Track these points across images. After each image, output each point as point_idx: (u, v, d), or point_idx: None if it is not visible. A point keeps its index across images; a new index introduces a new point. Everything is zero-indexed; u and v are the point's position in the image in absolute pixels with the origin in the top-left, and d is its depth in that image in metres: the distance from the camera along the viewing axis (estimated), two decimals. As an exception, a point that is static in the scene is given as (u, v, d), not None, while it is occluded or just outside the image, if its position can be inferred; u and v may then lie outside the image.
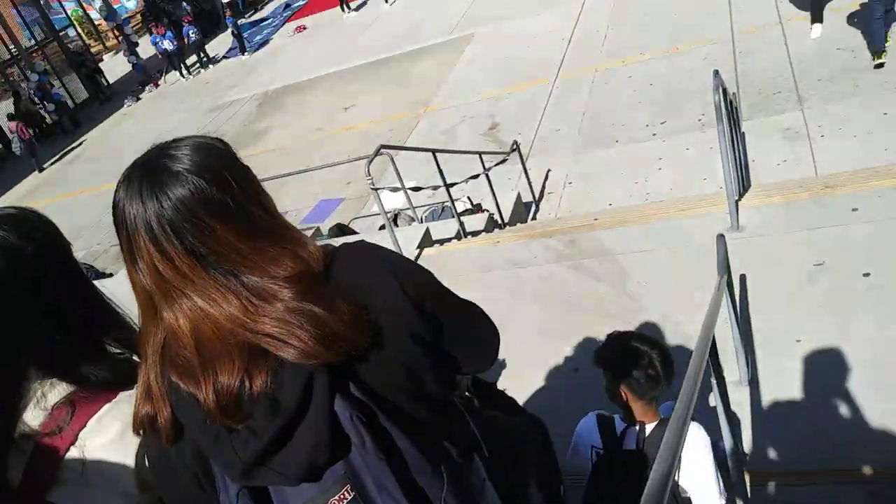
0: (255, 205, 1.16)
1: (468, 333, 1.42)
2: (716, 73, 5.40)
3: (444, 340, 1.31)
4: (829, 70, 7.95)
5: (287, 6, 22.66)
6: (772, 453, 3.49)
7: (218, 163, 1.14)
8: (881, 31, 7.44)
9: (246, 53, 19.47)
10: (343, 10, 19.14)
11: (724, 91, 5.93)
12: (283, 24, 20.60)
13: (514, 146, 7.99)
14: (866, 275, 4.29)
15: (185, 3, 22.74)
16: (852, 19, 8.43)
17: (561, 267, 5.59)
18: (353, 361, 1.14)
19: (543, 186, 8.21)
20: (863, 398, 3.52)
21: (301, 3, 23.07)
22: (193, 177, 1.10)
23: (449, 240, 6.64)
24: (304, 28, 20.04)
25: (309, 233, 8.29)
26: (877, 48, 7.57)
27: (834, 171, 6.21)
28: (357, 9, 19.28)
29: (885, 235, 4.49)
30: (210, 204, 1.10)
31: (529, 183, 7.91)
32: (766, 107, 7.85)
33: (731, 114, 6.70)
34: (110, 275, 8.60)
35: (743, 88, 8.34)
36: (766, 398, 3.75)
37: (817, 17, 8.45)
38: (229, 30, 20.46)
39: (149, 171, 1.11)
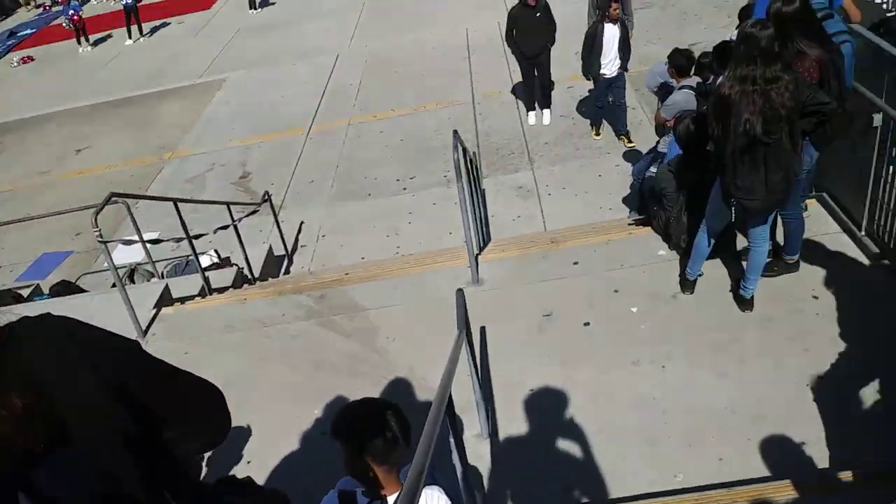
0: None
1: (187, 412, 1.30)
2: (455, 133, 5.69)
3: (155, 425, 1.18)
4: (554, 135, 8.77)
5: (11, 34, 20.48)
6: (508, 504, 3.64)
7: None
8: (599, 116, 8.42)
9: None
10: (79, 43, 17.68)
11: (465, 150, 6.29)
12: (6, 52, 18.55)
13: (266, 197, 7.80)
14: (586, 324, 4.71)
15: None
16: (576, 93, 9.42)
17: (311, 324, 5.49)
18: (26, 467, 0.97)
19: (297, 239, 8.09)
20: (584, 439, 3.82)
21: (29, 32, 20.98)
22: None
23: (192, 297, 6.25)
24: (31, 59, 18.20)
25: (26, 291, 7.38)
26: (596, 129, 8.56)
27: (559, 226, 6.82)
28: (95, 43, 17.93)
29: (601, 287, 4.98)
30: None
31: (282, 235, 7.75)
32: (503, 165, 8.46)
33: (471, 172, 7.11)
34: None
35: (483, 148, 8.92)
36: (504, 448, 3.92)
37: (531, 107, 9.19)
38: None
39: None
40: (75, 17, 17.37)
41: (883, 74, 4.37)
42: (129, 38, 17.41)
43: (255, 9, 17.59)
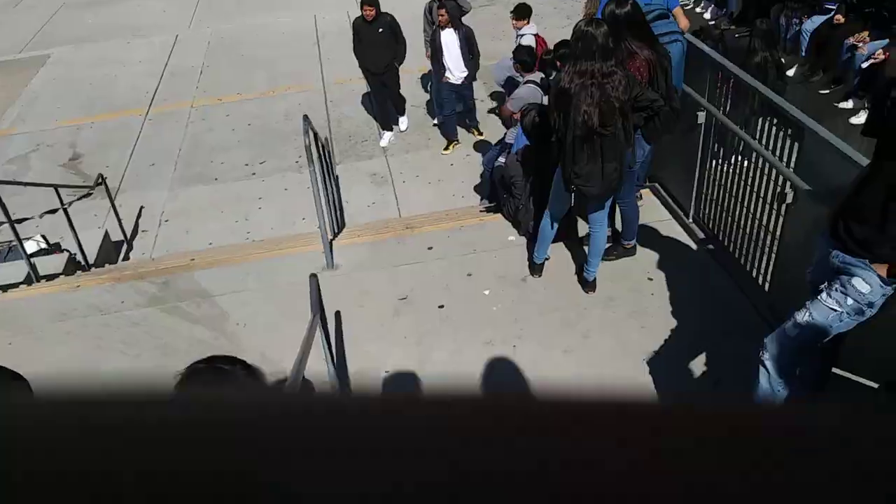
0: None
1: None
2: (305, 117, 5.64)
3: None
4: (406, 123, 8.87)
5: None
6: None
7: None
8: (451, 127, 8.25)
9: None
10: None
11: (316, 135, 6.23)
12: None
13: (100, 180, 7.31)
14: (441, 306, 4.83)
15: None
16: (426, 82, 9.54)
17: (154, 311, 5.25)
18: None
19: (136, 224, 7.65)
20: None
21: None
22: None
23: (16, 285, 5.77)
24: None
25: None
26: (450, 144, 8.35)
27: (413, 213, 6.91)
28: None
29: (454, 271, 5.12)
30: None
31: (119, 221, 7.29)
32: (356, 152, 8.44)
33: (323, 157, 7.04)
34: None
35: (335, 134, 8.85)
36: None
37: (385, 126, 8.60)
38: None
39: None
40: None
41: (705, 76, 4.80)
42: (-65, 3, 15.66)
43: (85, -19, 16.37)
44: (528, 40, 7.27)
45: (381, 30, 7.78)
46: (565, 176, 4.30)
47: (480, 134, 8.37)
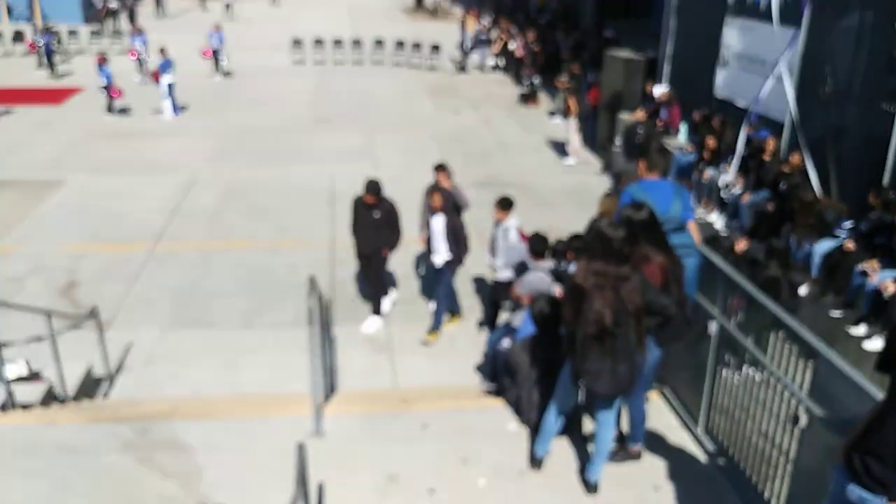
0: None
1: None
2: (312, 280, 5.64)
3: None
4: (410, 292, 8.89)
5: None
6: None
7: None
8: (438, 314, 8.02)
9: None
10: None
11: (320, 297, 6.20)
12: None
13: (92, 311, 7.18)
14: (432, 491, 4.57)
15: None
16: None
17: (127, 459, 4.96)
18: None
19: (122, 361, 7.43)
20: None
21: None
22: None
23: (-10, 412, 5.49)
24: None
25: None
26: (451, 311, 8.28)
27: (409, 384, 6.75)
28: (-79, 117, 16.51)
29: (449, 454, 4.90)
30: None
31: (106, 355, 7.08)
32: (356, 316, 8.38)
33: (322, 317, 6.98)
34: None
35: (338, 295, 8.85)
36: None
37: (375, 310, 8.28)
38: None
39: None
40: None
41: (717, 288, 4.87)
42: (-36, 118, 16.19)
43: (112, 113, 17.05)
44: (514, 236, 7.39)
45: (377, 216, 7.67)
46: (574, 370, 4.24)
47: (429, 338, 7.95)
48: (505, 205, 7.52)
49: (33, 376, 6.46)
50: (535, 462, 4.76)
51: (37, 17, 26.30)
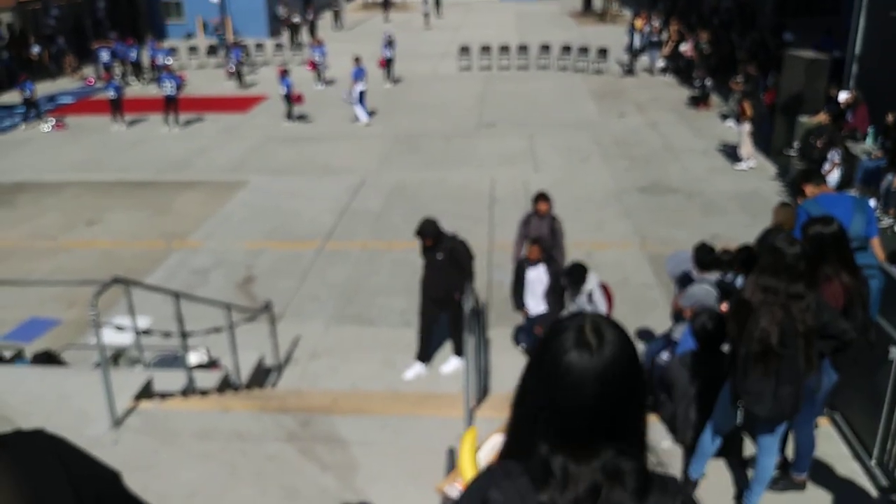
0: None
1: None
2: (469, 286, 5.70)
3: None
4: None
5: (51, 99, 21.11)
6: None
7: None
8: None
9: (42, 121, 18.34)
10: (114, 119, 18.16)
11: (477, 302, 6.26)
12: (42, 115, 19.00)
13: (266, 305, 7.69)
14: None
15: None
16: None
17: (290, 448, 5.24)
18: None
19: (290, 353, 7.90)
20: None
21: (68, 100, 21.62)
22: None
23: (174, 394, 6.01)
24: (64, 126, 18.62)
25: (8, 353, 7.12)
26: None
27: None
28: (130, 123, 18.42)
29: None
30: None
31: (276, 347, 7.57)
32: (511, 320, 8.37)
33: (478, 323, 7.04)
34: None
35: (495, 298, 8.90)
36: None
37: (421, 356, 7.57)
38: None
39: None
40: (113, 96, 17.98)
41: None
42: (166, 125, 17.90)
43: (291, 120, 18.19)
44: (599, 296, 6.84)
45: (440, 257, 7.10)
46: (734, 390, 3.99)
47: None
48: (576, 277, 6.76)
49: (212, 364, 7.01)
50: (689, 484, 4.52)
51: (229, 32, 28.62)
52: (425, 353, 7.51)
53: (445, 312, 7.32)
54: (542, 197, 7.77)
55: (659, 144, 15.51)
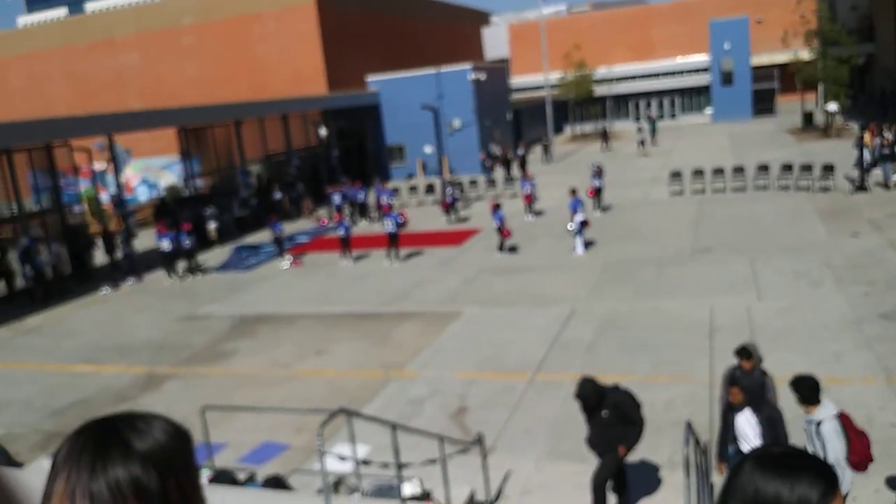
0: None
1: None
2: (688, 425, 5.29)
3: None
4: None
5: (290, 238, 23.56)
6: None
7: (175, 458, 1.07)
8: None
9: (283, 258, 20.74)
10: (343, 256, 19.80)
11: (697, 441, 5.78)
12: (283, 253, 21.20)
13: (478, 438, 7.66)
14: None
15: (208, 209, 24.12)
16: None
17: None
18: None
19: (500, 489, 7.74)
20: None
21: (304, 239, 24.00)
22: (141, 464, 1.03)
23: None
24: (300, 263, 20.60)
25: (242, 475, 7.66)
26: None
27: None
28: (357, 259, 19.97)
29: None
30: (145, 496, 1.02)
31: (487, 481, 7.46)
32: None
33: (701, 465, 6.49)
34: (20, 464, 7.80)
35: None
36: None
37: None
38: (226, 246, 21.21)
39: (102, 438, 1.05)
40: (343, 234, 19.69)
41: None
42: (388, 259, 19.20)
43: (502, 252, 18.72)
44: (830, 428, 5.64)
45: (605, 415, 6.82)
46: None
47: None
48: (810, 395, 5.79)
49: (425, 496, 7.03)
50: None
51: (445, 171, 30.67)
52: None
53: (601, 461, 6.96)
54: (743, 353, 6.93)
55: (903, 266, 13.97)
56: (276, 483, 7.03)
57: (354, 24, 38.56)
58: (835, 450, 5.56)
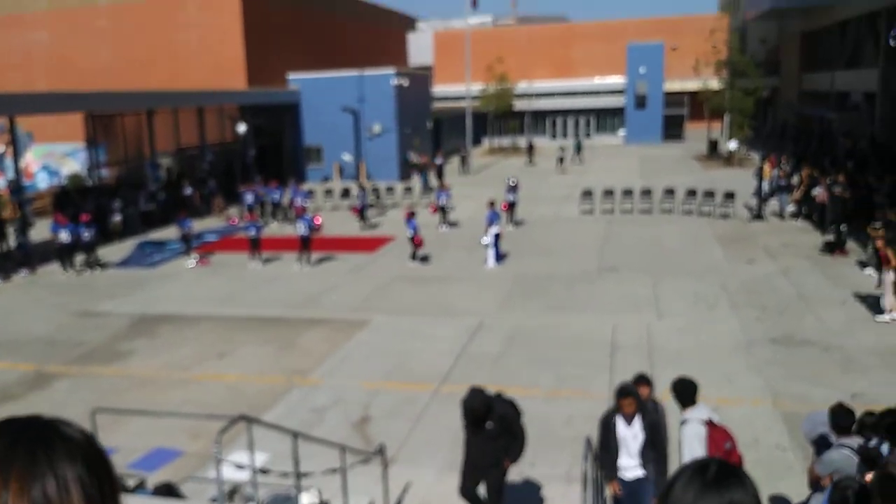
0: None
1: None
2: (587, 442, 5.46)
3: None
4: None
5: (198, 236, 22.90)
6: None
7: (103, 457, 1.08)
8: None
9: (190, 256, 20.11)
10: (251, 257, 19.39)
11: (595, 458, 5.94)
12: (190, 251, 20.58)
13: (380, 448, 7.65)
14: None
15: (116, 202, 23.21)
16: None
17: None
18: None
19: (400, 500, 7.75)
20: None
21: (213, 237, 23.38)
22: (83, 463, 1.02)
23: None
24: (208, 262, 20.06)
25: (131, 482, 7.37)
26: None
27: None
28: (266, 261, 19.60)
29: None
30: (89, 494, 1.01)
31: (387, 492, 7.45)
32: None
33: (596, 479, 6.68)
34: None
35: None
36: None
37: None
38: (130, 241, 20.41)
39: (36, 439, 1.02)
40: (253, 235, 19.31)
41: None
42: (299, 263, 18.93)
43: (415, 261, 18.77)
44: (692, 431, 5.94)
45: (490, 426, 6.57)
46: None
47: None
48: (683, 396, 6.10)
49: (323, 507, 6.96)
50: None
51: (362, 176, 30.51)
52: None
53: (486, 478, 6.72)
54: (641, 380, 6.93)
55: (792, 293, 14.80)
56: (168, 490, 6.80)
57: (279, 19, 37.80)
58: (691, 453, 5.74)
